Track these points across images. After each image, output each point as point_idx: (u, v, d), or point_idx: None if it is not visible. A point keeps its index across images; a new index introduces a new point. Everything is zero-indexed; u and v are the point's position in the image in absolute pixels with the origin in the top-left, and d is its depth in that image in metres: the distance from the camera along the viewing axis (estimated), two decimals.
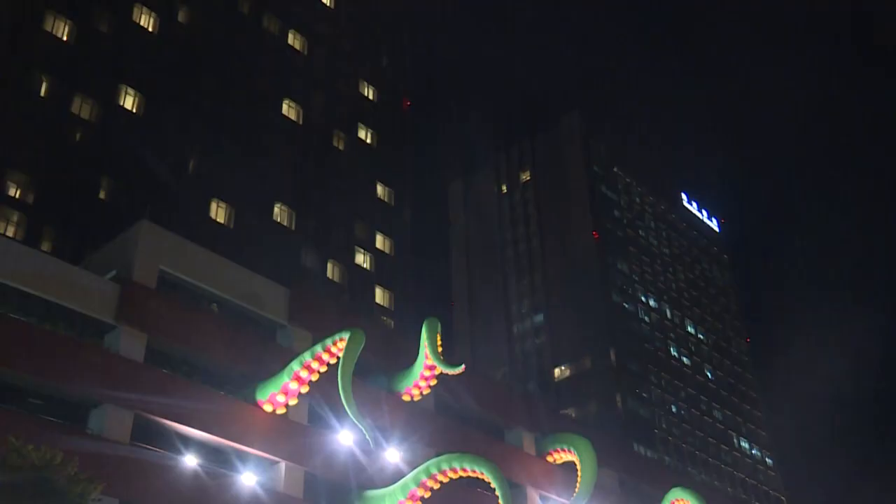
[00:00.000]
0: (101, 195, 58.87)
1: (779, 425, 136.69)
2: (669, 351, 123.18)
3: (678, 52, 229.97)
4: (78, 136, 59.23)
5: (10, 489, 15.71)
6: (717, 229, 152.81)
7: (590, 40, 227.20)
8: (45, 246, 53.34)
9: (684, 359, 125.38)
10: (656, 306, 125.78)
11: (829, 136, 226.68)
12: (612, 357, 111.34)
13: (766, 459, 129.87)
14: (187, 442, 35.46)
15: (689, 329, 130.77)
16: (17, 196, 54.64)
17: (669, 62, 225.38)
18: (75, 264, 37.84)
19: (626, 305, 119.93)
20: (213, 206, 65.71)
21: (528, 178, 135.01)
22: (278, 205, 71.08)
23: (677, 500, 50.89)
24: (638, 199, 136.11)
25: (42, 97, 57.93)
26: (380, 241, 79.34)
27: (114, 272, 37.01)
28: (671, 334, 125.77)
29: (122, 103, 62.43)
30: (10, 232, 52.68)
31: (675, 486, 52.30)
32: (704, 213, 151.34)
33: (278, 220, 70.74)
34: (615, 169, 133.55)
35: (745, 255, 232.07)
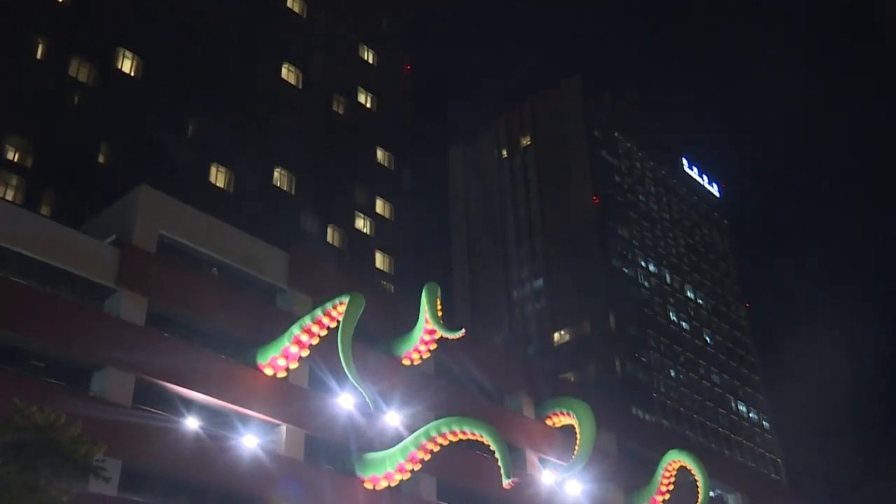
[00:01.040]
0: (100, 159, 58.73)
1: (777, 389, 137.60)
2: (668, 315, 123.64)
3: (679, 17, 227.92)
4: (76, 99, 58.91)
5: (15, 449, 15.90)
6: (717, 194, 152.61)
7: (591, 4, 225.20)
8: (45, 210, 53.33)
9: (683, 323, 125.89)
10: (656, 271, 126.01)
11: (832, 102, 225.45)
12: (612, 322, 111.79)
13: (764, 423, 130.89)
14: (189, 405, 35.75)
15: (689, 294, 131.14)
16: (16, 160, 54.48)
17: (670, 27, 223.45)
18: (75, 228, 37.87)
19: (626, 270, 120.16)
20: (213, 170, 65.57)
21: (529, 142, 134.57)
22: (278, 169, 70.92)
23: (674, 461, 51.41)
24: (638, 164, 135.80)
25: (39, 60, 57.51)
26: (380, 206, 79.27)
27: (113, 236, 37.07)
28: (670, 299, 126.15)
29: (120, 67, 62.03)
30: (10, 196, 52.64)
31: (673, 448, 52.82)
32: (705, 178, 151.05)
33: (278, 184, 70.60)
34: (616, 134, 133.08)
35: (746, 220, 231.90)
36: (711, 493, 53.91)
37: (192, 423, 34.95)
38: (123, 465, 31.25)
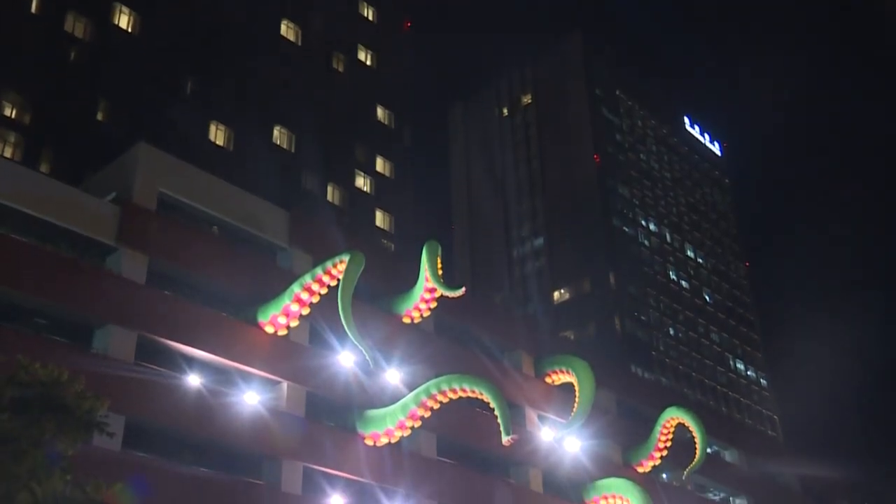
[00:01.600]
0: (99, 116, 58.44)
1: (775, 347, 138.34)
2: (668, 274, 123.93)
3: None
4: (73, 55, 58.45)
5: (19, 405, 16.05)
6: (719, 153, 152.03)
7: None
8: (44, 167, 53.21)
9: (683, 282, 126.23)
10: (656, 230, 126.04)
11: (835, 62, 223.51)
12: (612, 280, 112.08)
13: (761, 380, 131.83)
14: (190, 362, 35.97)
15: (689, 253, 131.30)
16: (13, 116, 54.19)
17: None
18: (74, 186, 37.80)
19: (626, 229, 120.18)
20: (212, 128, 65.30)
21: (530, 100, 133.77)
22: (278, 127, 70.62)
23: (672, 419, 51.87)
24: (640, 123, 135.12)
25: (34, 14, 56.90)
26: (380, 164, 79.06)
27: (113, 194, 36.99)
28: (670, 258, 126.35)
29: (117, 22, 61.47)
30: (8, 153, 52.47)
31: (671, 405, 53.25)
32: (707, 136, 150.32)
33: (278, 142, 70.36)
34: (617, 92, 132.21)
35: (747, 179, 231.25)
36: (708, 450, 54.45)
37: (193, 380, 35.20)
38: (127, 420, 31.55)
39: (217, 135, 65.48)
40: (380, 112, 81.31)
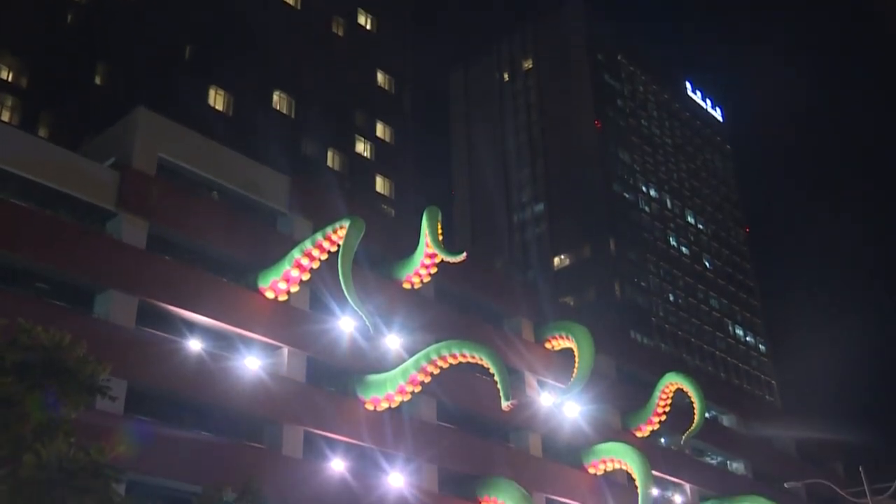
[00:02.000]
0: (97, 80, 58.06)
1: (774, 313, 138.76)
2: (668, 240, 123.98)
3: None
4: (70, 18, 57.93)
5: (22, 368, 16.12)
6: (720, 119, 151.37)
7: None
8: (42, 132, 52.95)
9: (683, 248, 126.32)
10: (657, 196, 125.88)
11: (839, 29, 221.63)
12: (612, 246, 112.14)
13: (760, 346, 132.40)
14: (191, 327, 36.08)
15: (689, 219, 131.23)
16: (10, 79, 53.81)
17: None
18: (73, 151, 37.66)
19: (627, 195, 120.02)
20: (212, 93, 64.93)
21: (531, 65, 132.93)
22: (277, 92, 70.23)
23: (671, 384, 52.18)
24: (641, 88, 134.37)
25: None
26: (380, 130, 78.72)
27: (112, 159, 36.85)
28: (671, 224, 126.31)
29: None
30: (6, 117, 52.19)
31: (670, 371, 53.55)
32: (708, 101, 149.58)
33: (277, 107, 70.00)
34: (619, 57, 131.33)
35: (748, 145, 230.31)
36: (706, 415, 54.85)
37: (195, 345, 35.35)
38: (129, 385, 31.73)
39: (216, 100, 65.13)
40: (380, 77, 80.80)
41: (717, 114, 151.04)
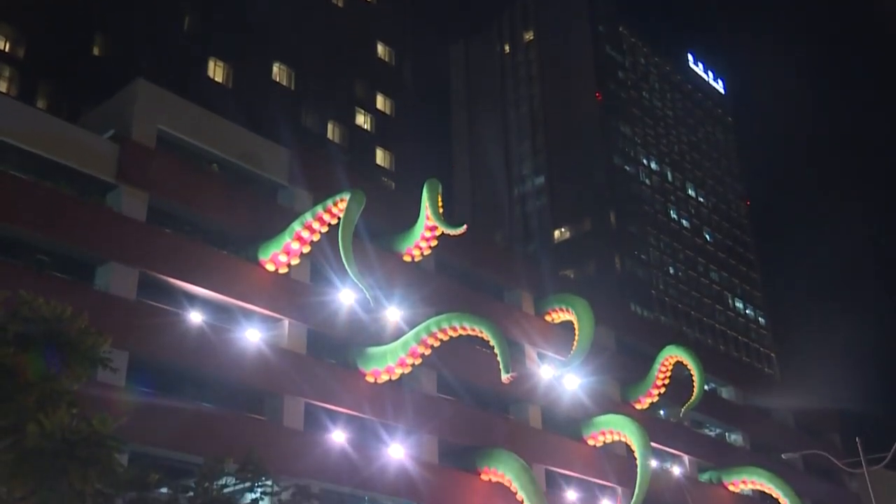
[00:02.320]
0: (95, 51, 57.73)
1: (774, 286, 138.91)
2: (669, 213, 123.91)
3: None
4: None
5: (23, 340, 16.18)
6: (722, 91, 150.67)
7: None
8: (40, 103, 52.72)
9: (683, 221, 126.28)
10: (657, 169, 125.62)
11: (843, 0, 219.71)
12: (612, 219, 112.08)
13: (759, 319, 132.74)
14: (192, 300, 36.14)
15: (690, 192, 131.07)
16: (7, 50, 53.48)
17: None
18: (72, 123, 37.54)
19: (628, 168, 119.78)
20: (211, 64, 64.58)
21: (532, 37, 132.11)
22: (277, 64, 69.86)
23: (671, 357, 52.33)
24: (643, 60, 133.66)
25: None
26: (380, 102, 78.41)
27: (112, 131, 36.73)
28: (671, 197, 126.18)
29: None
30: (3, 87, 51.95)
31: (670, 344, 53.70)
32: (710, 73, 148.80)
33: (277, 79, 69.68)
34: (620, 28, 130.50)
35: (750, 117, 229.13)
36: (705, 387, 55.09)
37: (195, 318, 35.43)
38: (130, 356, 31.86)
39: (216, 71, 64.81)
40: (380, 49, 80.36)
41: (719, 86, 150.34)
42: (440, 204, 40.76)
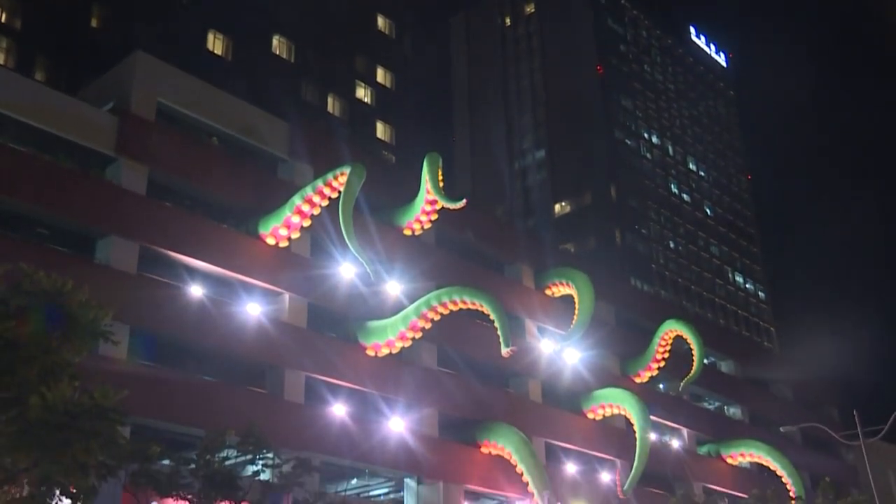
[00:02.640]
0: (94, 23, 57.33)
1: (774, 261, 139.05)
2: (670, 187, 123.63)
3: None
4: None
5: (24, 313, 16.20)
6: (724, 65, 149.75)
7: None
8: (38, 76, 52.44)
9: (684, 195, 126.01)
10: (658, 143, 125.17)
11: None
12: (613, 193, 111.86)
13: (759, 293, 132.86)
14: (193, 273, 36.17)
15: (691, 166, 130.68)
16: (4, 20, 53.07)
17: None
18: (70, 95, 37.35)
19: (629, 142, 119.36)
20: (210, 37, 64.18)
21: (532, 10, 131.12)
22: (277, 36, 69.43)
23: (671, 331, 52.48)
24: (645, 33, 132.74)
25: None
26: (381, 75, 78.02)
27: (111, 104, 36.58)
28: (672, 171, 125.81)
29: None
30: (0, 59, 51.63)
31: (670, 318, 53.81)
32: (713, 46, 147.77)
33: (277, 52, 69.28)
34: (622, 1, 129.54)
35: (752, 91, 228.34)
36: (705, 361, 55.28)
37: (196, 291, 35.46)
38: (131, 330, 31.94)
39: (215, 44, 64.43)
40: (380, 21, 79.84)
41: (721, 59, 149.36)
42: (440, 178, 40.67)
